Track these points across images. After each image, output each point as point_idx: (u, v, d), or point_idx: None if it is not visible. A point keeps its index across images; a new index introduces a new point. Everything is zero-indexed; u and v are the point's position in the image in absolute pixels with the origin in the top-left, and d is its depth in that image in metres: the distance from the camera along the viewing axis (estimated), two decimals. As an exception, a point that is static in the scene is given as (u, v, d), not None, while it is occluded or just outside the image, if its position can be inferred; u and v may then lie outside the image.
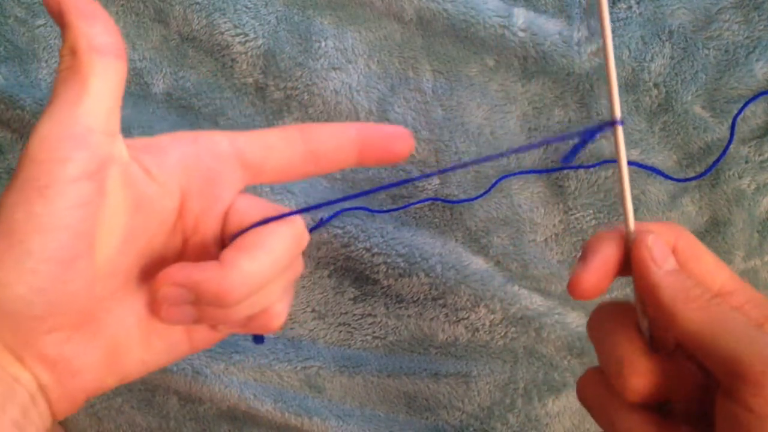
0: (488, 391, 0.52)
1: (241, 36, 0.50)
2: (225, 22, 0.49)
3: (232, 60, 0.50)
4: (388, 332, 0.52)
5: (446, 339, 0.51)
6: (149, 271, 0.27)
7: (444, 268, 0.50)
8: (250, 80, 0.51)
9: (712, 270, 0.28)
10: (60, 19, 0.24)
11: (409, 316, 0.51)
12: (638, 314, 0.29)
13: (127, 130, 0.39)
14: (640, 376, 0.27)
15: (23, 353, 0.23)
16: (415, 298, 0.51)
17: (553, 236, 0.51)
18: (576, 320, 0.51)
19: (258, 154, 0.27)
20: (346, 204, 0.50)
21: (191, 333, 0.28)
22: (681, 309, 0.26)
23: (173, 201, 0.26)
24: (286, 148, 0.27)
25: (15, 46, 0.50)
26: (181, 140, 0.26)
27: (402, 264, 0.50)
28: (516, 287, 0.51)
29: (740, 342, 0.25)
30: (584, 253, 0.29)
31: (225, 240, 0.27)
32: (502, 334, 0.51)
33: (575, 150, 0.29)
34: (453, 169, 0.43)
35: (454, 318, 0.51)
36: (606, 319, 0.29)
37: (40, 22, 0.50)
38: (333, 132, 0.28)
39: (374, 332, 0.52)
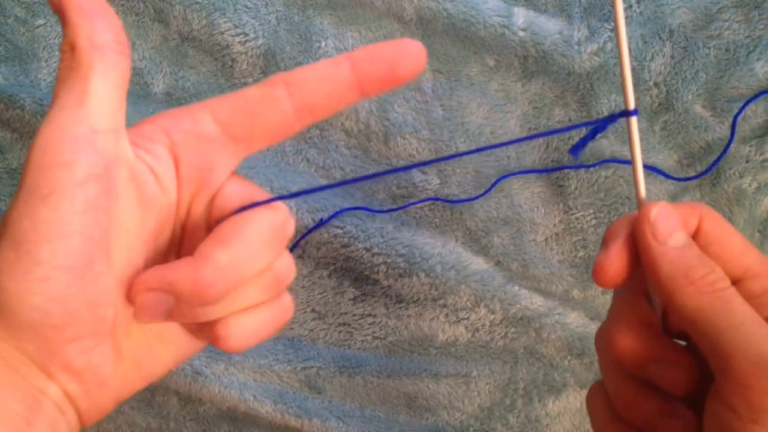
0: (488, 391, 0.51)
1: (241, 36, 0.50)
2: (225, 22, 0.50)
3: (232, 60, 0.50)
4: (388, 332, 0.51)
5: (446, 339, 0.51)
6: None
7: (444, 268, 0.50)
8: (250, 80, 0.51)
9: (738, 252, 0.26)
10: (60, 13, 0.23)
11: (409, 316, 0.51)
12: (648, 287, 0.28)
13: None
14: (624, 338, 0.27)
15: (49, 365, 0.22)
16: (415, 299, 0.51)
17: (554, 236, 0.51)
18: (576, 320, 0.51)
19: (244, 124, 0.25)
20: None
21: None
22: (678, 290, 0.25)
23: (172, 194, 0.25)
24: (273, 110, 0.24)
25: (15, 46, 0.50)
26: (164, 127, 0.25)
27: (402, 264, 0.50)
28: (516, 287, 0.50)
29: (735, 336, 0.23)
30: (605, 239, 0.28)
31: (211, 226, 0.26)
32: (503, 334, 0.51)
33: (585, 141, 0.28)
34: (447, 158, 0.42)
35: (454, 318, 0.51)
36: (629, 282, 0.28)
37: (40, 21, 0.50)
38: (322, 77, 0.24)
39: (374, 332, 0.51)
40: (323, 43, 0.50)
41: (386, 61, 0.24)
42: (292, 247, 0.50)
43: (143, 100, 0.51)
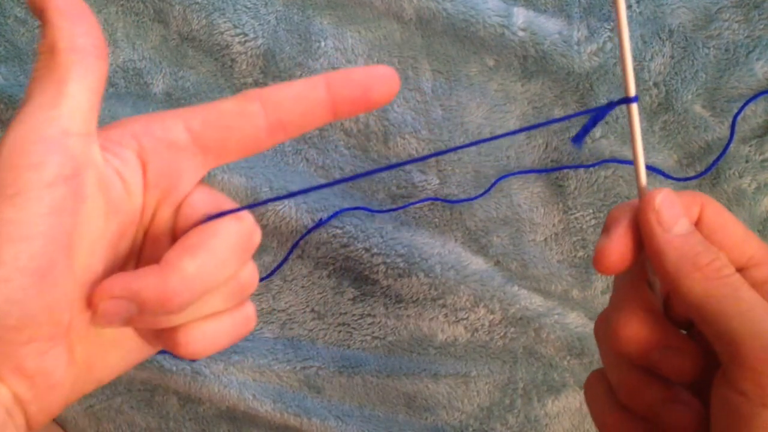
0: (488, 391, 0.51)
1: (241, 36, 0.50)
2: (225, 22, 0.50)
3: (232, 60, 0.50)
4: (387, 332, 0.51)
5: (446, 339, 0.51)
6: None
7: (443, 268, 0.50)
8: (250, 80, 0.51)
9: (741, 241, 0.26)
10: (40, 15, 0.23)
11: (408, 316, 0.51)
12: (649, 274, 0.28)
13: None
14: (627, 325, 0.26)
15: (0, 367, 0.22)
16: (414, 299, 0.51)
17: (553, 236, 0.51)
18: (575, 320, 0.51)
19: (216, 136, 0.25)
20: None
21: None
22: (685, 277, 0.25)
23: (138, 199, 0.25)
24: (246, 125, 0.25)
25: (15, 46, 0.50)
26: (133, 132, 0.24)
27: (401, 264, 0.50)
28: (515, 287, 0.50)
29: (743, 321, 0.23)
30: (607, 225, 0.27)
31: (176, 234, 0.25)
32: (502, 334, 0.51)
33: (586, 129, 0.28)
34: (443, 153, 0.42)
35: (454, 318, 0.51)
36: (630, 269, 0.28)
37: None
38: (298, 95, 0.25)
39: (373, 332, 0.51)
40: (323, 43, 0.50)
41: (361, 84, 0.25)
42: (292, 248, 0.50)
43: (143, 100, 0.51)
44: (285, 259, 0.51)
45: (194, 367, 0.50)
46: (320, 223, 0.49)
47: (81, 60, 0.23)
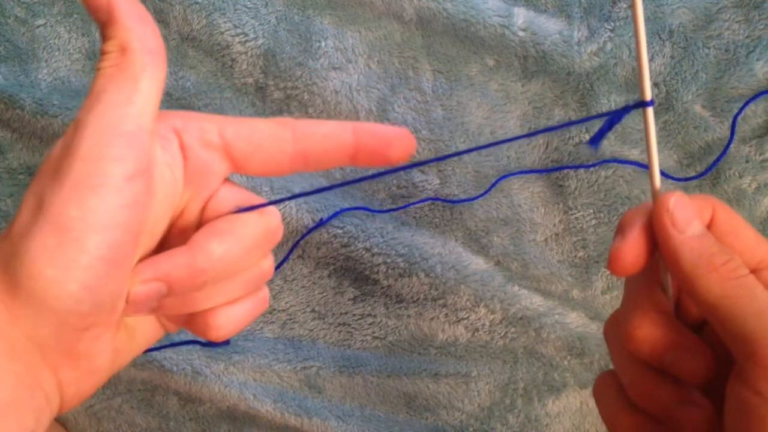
0: (488, 391, 0.52)
1: (241, 36, 0.50)
2: (225, 22, 0.50)
3: (232, 60, 0.50)
4: (387, 332, 0.51)
5: (446, 339, 0.51)
6: None
7: (444, 268, 0.50)
8: (250, 80, 0.51)
9: (752, 244, 0.27)
10: (107, 16, 0.24)
11: (408, 316, 0.51)
12: (662, 276, 0.28)
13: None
14: (640, 326, 0.27)
15: (54, 349, 0.23)
16: (415, 298, 0.51)
17: (554, 236, 0.51)
18: (576, 320, 0.51)
19: (245, 149, 0.26)
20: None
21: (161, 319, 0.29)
22: (701, 277, 0.25)
23: (179, 194, 0.26)
24: (274, 147, 0.26)
25: (15, 46, 0.50)
26: (174, 128, 0.26)
27: (402, 264, 0.50)
28: (516, 287, 0.50)
29: (760, 321, 0.24)
30: (621, 227, 0.28)
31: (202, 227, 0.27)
32: (502, 334, 0.51)
33: (602, 132, 0.28)
34: (447, 157, 0.42)
35: (454, 318, 0.51)
36: (642, 271, 0.28)
37: (40, 22, 0.50)
38: (327, 134, 0.27)
39: (374, 332, 0.51)
40: (323, 43, 0.50)
41: (384, 139, 0.27)
42: (293, 247, 0.50)
43: (143, 100, 0.51)
44: (285, 259, 0.51)
45: (195, 367, 0.50)
46: (321, 223, 0.49)
47: (152, 60, 0.24)
